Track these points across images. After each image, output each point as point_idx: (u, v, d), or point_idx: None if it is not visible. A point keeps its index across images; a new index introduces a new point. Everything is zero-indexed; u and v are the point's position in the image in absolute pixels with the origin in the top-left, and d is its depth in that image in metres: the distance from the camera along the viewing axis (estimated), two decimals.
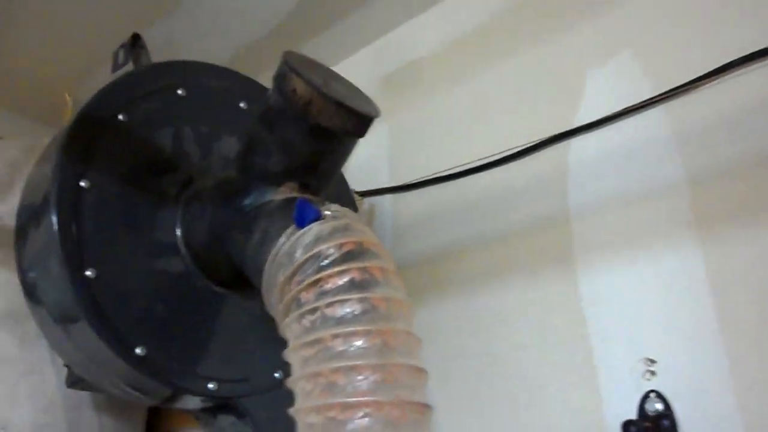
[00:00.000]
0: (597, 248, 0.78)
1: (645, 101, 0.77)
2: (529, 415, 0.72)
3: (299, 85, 0.64)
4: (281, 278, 0.60)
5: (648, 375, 0.71)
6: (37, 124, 1.49)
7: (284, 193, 0.68)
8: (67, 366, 0.91)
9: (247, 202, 0.68)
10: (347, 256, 0.59)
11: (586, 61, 0.86)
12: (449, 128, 0.94)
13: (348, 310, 0.57)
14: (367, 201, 0.84)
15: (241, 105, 0.86)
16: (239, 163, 0.71)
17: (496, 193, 0.89)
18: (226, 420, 0.78)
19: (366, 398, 0.53)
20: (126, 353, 0.67)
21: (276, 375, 0.78)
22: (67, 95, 1.34)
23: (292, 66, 0.65)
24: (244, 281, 0.76)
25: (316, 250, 0.59)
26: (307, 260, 0.59)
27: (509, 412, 0.76)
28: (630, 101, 0.80)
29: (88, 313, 0.65)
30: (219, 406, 0.75)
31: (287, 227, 0.63)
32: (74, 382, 0.90)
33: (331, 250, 0.59)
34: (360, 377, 0.54)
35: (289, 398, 0.79)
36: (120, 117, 0.74)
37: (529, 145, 0.87)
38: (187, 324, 0.73)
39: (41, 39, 1.33)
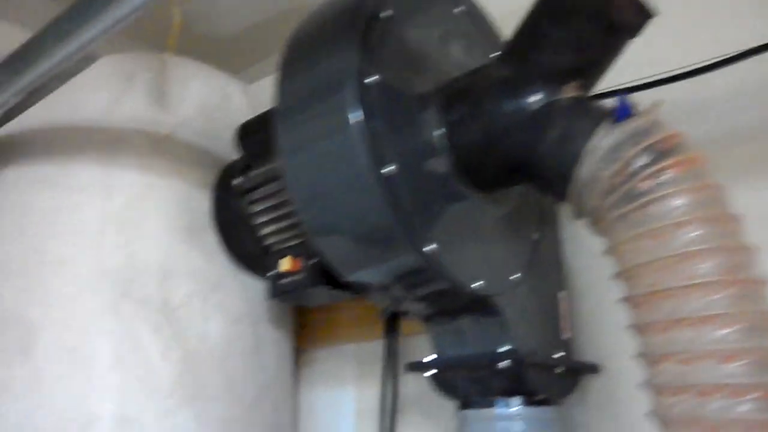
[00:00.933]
0: None
1: None
2: None
3: None
4: (608, 172, 0.62)
5: None
6: (130, 42, 1.41)
7: (570, 91, 0.68)
8: (270, 278, 0.90)
9: (531, 99, 0.68)
10: (677, 148, 0.61)
11: None
12: (677, 26, 0.90)
13: (691, 197, 0.59)
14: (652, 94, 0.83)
15: (456, 10, 0.85)
16: (517, 61, 0.71)
17: (733, 90, 0.86)
18: (466, 320, 0.80)
19: (725, 277, 0.56)
20: (420, 250, 0.67)
21: (514, 276, 0.80)
22: (175, 8, 1.28)
23: None
24: (496, 183, 0.77)
25: (645, 143, 0.61)
26: (638, 153, 0.61)
27: None
28: None
29: (390, 210, 0.65)
30: (467, 305, 0.77)
31: (597, 124, 0.64)
32: (277, 293, 0.90)
33: (662, 144, 0.61)
34: (718, 260, 0.57)
35: (529, 297, 0.82)
36: (383, 14, 0.72)
37: None
38: (454, 224, 0.73)
39: None
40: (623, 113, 0.63)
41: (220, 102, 1.05)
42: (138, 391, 0.85)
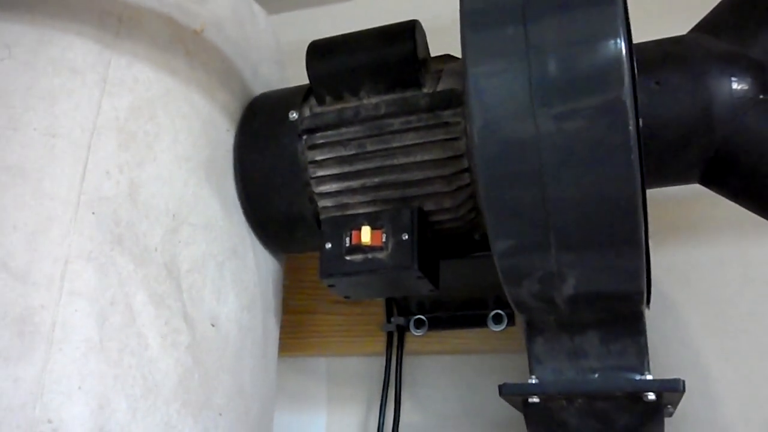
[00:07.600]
0: None
1: None
2: None
3: None
4: None
5: None
6: None
7: None
8: (330, 252, 0.66)
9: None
10: None
11: None
12: None
13: None
14: None
15: None
16: (741, 40, 0.60)
17: None
18: (595, 338, 0.65)
19: None
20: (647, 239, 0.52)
21: None
22: None
23: None
24: (670, 173, 0.64)
25: None
26: None
27: None
28: None
29: (637, 172, 0.49)
30: (617, 317, 0.63)
31: None
32: (340, 272, 0.67)
33: None
34: None
35: None
36: None
37: None
38: None
39: None
40: None
41: (250, 16, 0.79)
42: (125, 390, 0.54)
